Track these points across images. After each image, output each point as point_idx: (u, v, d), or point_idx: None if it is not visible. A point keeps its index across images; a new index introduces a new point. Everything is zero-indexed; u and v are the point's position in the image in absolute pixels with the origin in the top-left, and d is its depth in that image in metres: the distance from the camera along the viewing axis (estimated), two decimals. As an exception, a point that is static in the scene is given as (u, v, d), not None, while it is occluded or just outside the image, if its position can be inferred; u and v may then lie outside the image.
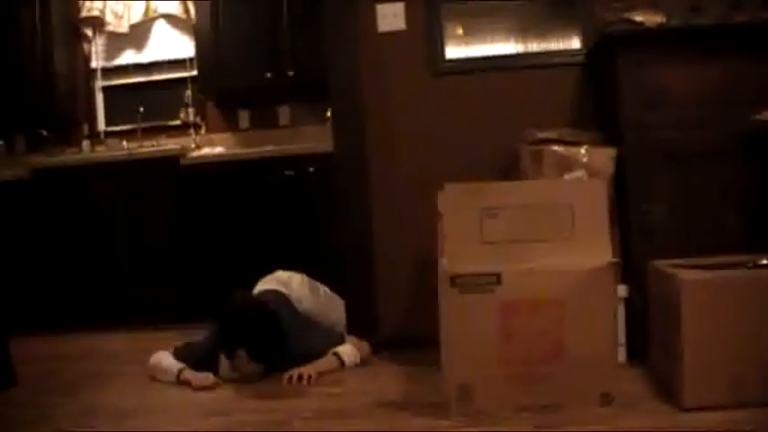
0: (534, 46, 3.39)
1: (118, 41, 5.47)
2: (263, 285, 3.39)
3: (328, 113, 4.24)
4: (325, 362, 3.03)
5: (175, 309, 4.45)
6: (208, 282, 4.52)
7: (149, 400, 2.81)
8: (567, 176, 2.87)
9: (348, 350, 3.10)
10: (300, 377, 2.87)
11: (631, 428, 2.15)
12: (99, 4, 5.38)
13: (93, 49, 5.50)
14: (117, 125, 5.40)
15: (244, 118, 5.27)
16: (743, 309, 2.24)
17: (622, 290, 2.80)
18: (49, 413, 2.70)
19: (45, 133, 5.26)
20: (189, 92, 5.27)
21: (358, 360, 3.10)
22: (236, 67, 4.90)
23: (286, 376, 2.89)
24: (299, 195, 4.50)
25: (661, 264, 2.55)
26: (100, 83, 5.50)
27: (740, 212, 2.82)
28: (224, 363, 2.95)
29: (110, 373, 2.82)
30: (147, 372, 3.11)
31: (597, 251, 2.34)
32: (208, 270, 4.57)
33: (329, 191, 3.67)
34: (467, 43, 3.43)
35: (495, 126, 3.30)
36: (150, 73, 5.44)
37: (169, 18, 5.42)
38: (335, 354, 3.06)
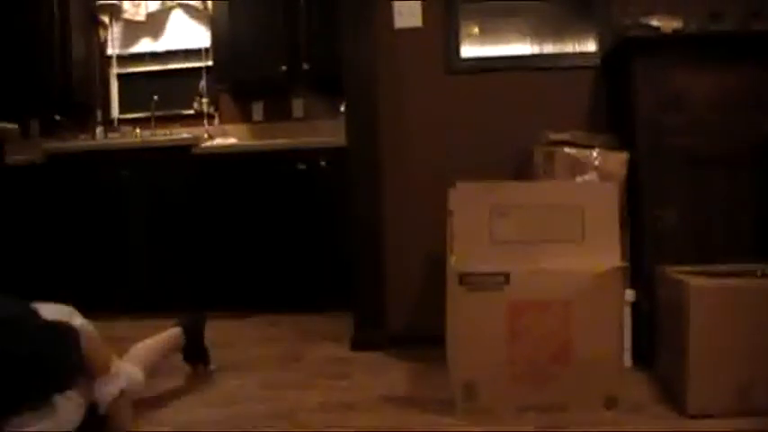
0: (550, 47, 3.39)
1: (134, 29, 5.49)
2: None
3: (342, 108, 4.24)
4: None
5: (186, 297, 4.45)
6: (218, 271, 4.54)
7: (153, 388, 2.79)
8: (578, 179, 2.87)
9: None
10: None
11: (635, 432, 2.16)
12: (117, -8, 5.41)
13: (110, 37, 5.51)
14: (131, 113, 5.42)
15: (257, 110, 5.28)
16: (750, 317, 2.25)
17: (630, 294, 2.80)
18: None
19: (59, 118, 5.28)
20: (203, 82, 5.28)
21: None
22: (251, 58, 4.91)
23: None
24: (311, 189, 4.50)
25: (670, 269, 2.55)
26: (115, 70, 5.52)
27: (753, 220, 2.82)
28: None
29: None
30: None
31: (606, 254, 2.34)
32: (218, 260, 4.58)
33: (341, 185, 3.66)
34: (482, 42, 3.43)
35: (508, 126, 3.30)
36: (166, 62, 5.45)
37: (186, 8, 5.43)
38: None
